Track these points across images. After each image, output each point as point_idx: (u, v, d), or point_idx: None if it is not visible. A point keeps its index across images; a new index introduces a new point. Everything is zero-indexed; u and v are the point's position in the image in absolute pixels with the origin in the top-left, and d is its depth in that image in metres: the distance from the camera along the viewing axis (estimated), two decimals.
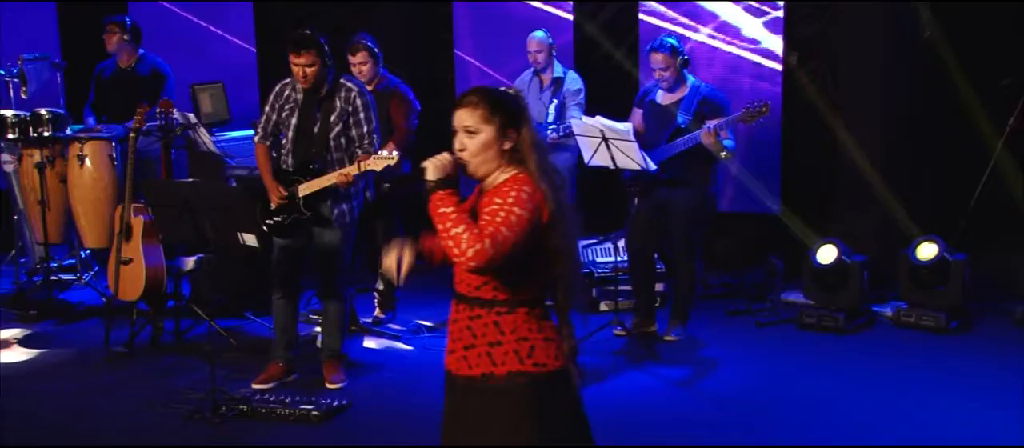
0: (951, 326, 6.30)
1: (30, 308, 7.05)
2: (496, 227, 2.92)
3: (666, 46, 5.97)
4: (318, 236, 5.53)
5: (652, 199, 6.11)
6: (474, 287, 3.04)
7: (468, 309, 3.07)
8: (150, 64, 7.49)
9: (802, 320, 6.47)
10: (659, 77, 6.04)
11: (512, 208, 2.95)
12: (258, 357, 5.87)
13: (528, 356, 3.02)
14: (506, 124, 3.04)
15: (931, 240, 6.37)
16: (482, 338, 3.04)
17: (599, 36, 7.99)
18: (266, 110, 5.62)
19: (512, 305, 3.03)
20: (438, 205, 2.96)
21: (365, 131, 5.44)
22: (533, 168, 3.04)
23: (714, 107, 5.98)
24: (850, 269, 6.40)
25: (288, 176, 5.49)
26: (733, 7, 7.59)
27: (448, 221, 2.93)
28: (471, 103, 3.05)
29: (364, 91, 5.54)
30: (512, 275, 3.01)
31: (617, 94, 7.51)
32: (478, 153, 3.04)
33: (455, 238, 2.91)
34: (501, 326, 3.03)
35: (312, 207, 5.46)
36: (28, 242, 7.69)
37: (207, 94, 7.42)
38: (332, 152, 5.45)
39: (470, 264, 2.91)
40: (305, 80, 5.38)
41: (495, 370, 3.02)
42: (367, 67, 6.42)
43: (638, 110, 6.28)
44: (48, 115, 7.18)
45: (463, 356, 3.07)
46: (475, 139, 3.04)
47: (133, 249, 6.18)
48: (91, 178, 7.14)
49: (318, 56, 5.33)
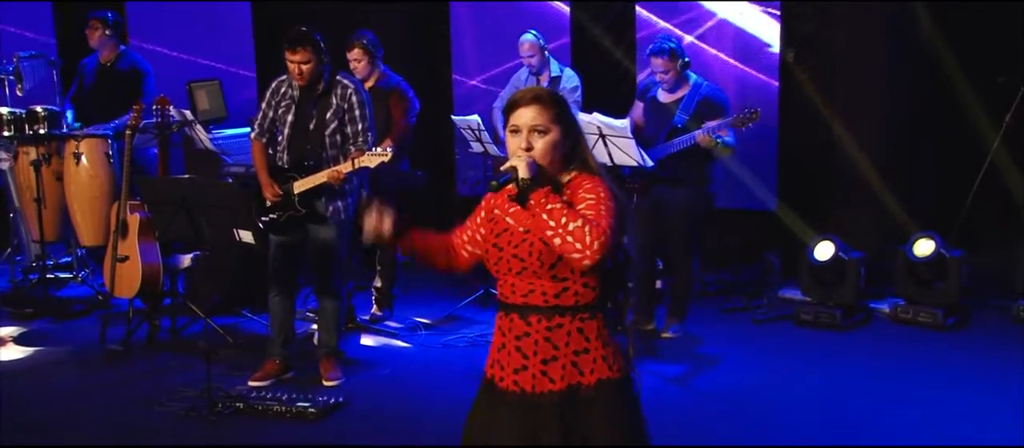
0: (948, 323, 6.30)
1: (26, 306, 7.04)
2: (608, 219, 2.82)
3: (665, 50, 5.98)
4: (314, 233, 5.52)
5: (650, 197, 6.11)
6: (553, 295, 2.91)
7: (545, 319, 2.92)
8: (130, 61, 7.46)
9: (799, 317, 6.47)
10: (660, 80, 6.05)
11: (608, 202, 2.86)
12: (255, 355, 5.87)
13: (614, 361, 2.95)
14: (570, 127, 2.98)
15: (928, 236, 6.37)
16: (566, 348, 2.92)
17: (593, 25, 7.96)
18: (263, 107, 5.62)
19: (593, 310, 2.94)
20: (545, 203, 2.81)
21: (360, 128, 5.43)
22: (599, 170, 3.00)
23: (713, 107, 5.99)
24: (847, 265, 6.40)
25: (284, 173, 5.48)
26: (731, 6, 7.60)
27: (562, 216, 2.79)
28: (542, 101, 2.95)
29: (360, 88, 5.53)
30: (595, 276, 2.91)
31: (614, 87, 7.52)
32: (546, 154, 2.93)
33: (576, 233, 2.77)
34: (586, 332, 2.93)
35: (308, 204, 5.45)
36: (24, 240, 7.67)
37: (204, 91, 7.41)
38: (327, 149, 5.44)
39: (596, 258, 2.77)
40: (301, 77, 5.37)
41: (583, 379, 2.92)
42: (362, 64, 6.42)
43: (640, 103, 6.27)
44: (44, 112, 7.16)
45: (542, 371, 2.93)
46: (545, 139, 2.93)
47: (129, 246, 6.17)
48: (87, 176, 7.12)
49: (314, 53, 5.33)
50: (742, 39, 7.55)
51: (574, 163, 3.00)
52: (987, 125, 6.69)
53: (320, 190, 5.43)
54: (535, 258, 2.91)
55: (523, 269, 2.94)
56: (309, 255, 5.60)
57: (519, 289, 2.96)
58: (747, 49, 7.52)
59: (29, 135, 7.12)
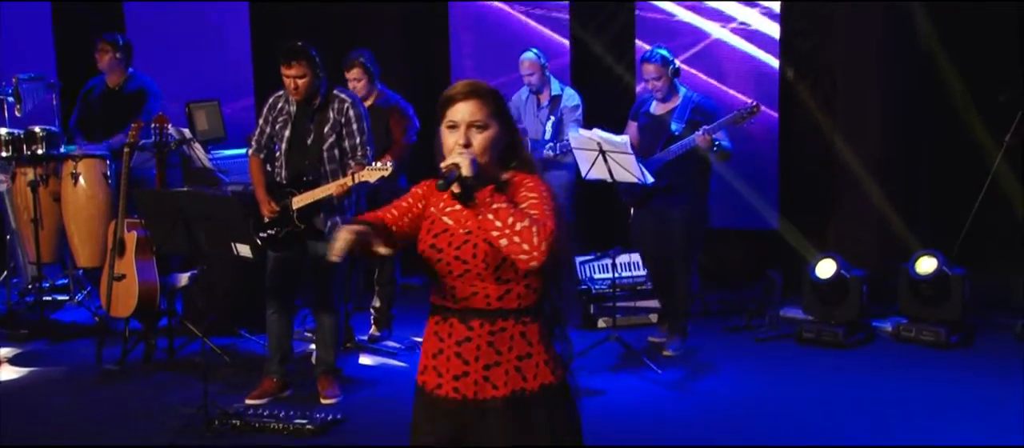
0: (951, 341, 6.25)
1: (21, 328, 6.98)
2: (550, 219, 2.71)
3: (657, 57, 6.04)
4: (313, 249, 5.48)
5: (649, 208, 6.10)
6: (496, 298, 2.81)
7: (488, 323, 2.81)
8: (139, 83, 7.44)
9: (801, 335, 6.42)
10: (652, 87, 6.10)
11: (550, 201, 2.76)
12: (252, 373, 5.82)
13: (556, 366, 2.86)
14: (508, 122, 2.86)
15: (930, 254, 6.33)
16: (508, 353, 2.82)
17: (594, 42, 7.97)
18: (260, 123, 5.60)
19: (534, 314, 2.84)
20: (490, 202, 2.70)
21: (358, 142, 5.41)
22: (536, 169, 2.90)
23: (706, 114, 6.05)
24: (849, 283, 6.36)
25: (281, 189, 5.45)
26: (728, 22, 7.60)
27: (509, 216, 2.68)
28: (481, 95, 2.81)
29: (357, 102, 5.51)
30: (537, 277, 2.81)
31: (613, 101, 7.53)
32: (486, 150, 2.79)
33: (523, 233, 2.66)
34: (528, 336, 2.83)
35: (306, 220, 5.42)
36: (20, 263, 7.63)
37: (203, 112, 7.39)
38: (326, 164, 5.42)
39: (543, 258, 2.66)
40: (297, 92, 5.35)
41: (527, 385, 2.82)
42: (362, 83, 6.41)
43: (633, 123, 6.29)
44: (42, 133, 7.13)
45: (484, 377, 2.82)
46: (484, 135, 2.79)
47: (126, 265, 6.13)
48: (85, 196, 7.10)
49: (309, 67, 5.31)
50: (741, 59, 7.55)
51: (512, 161, 2.88)
52: (988, 142, 6.67)
53: (318, 205, 5.39)
54: (479, 260, 2.79)
55: (466, 271, 2.81)
56: (307, 271, 5.56)
57: (459, 292, 2.84)
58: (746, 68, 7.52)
59: (27, 156, 7.09)
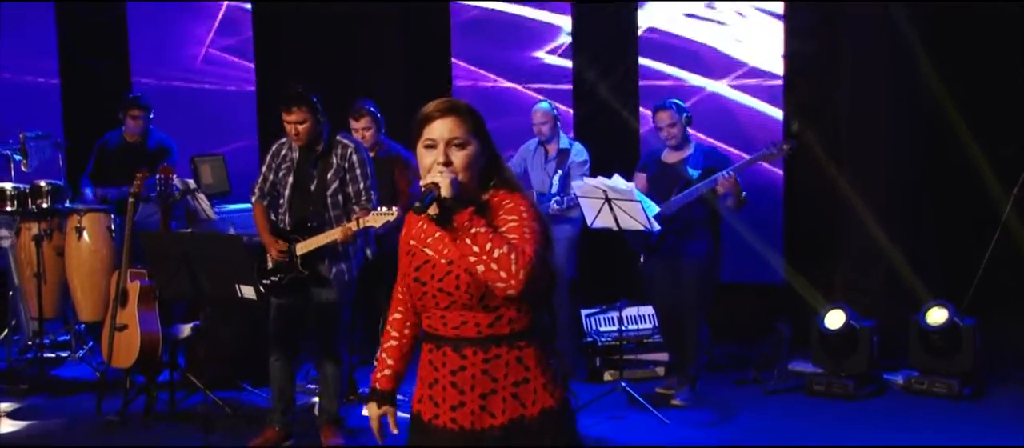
0: (964, 393, 6.15)
1: (21, 383, 6.90)
2: (532, 244, 2.63)
3: (671, 105, 6.11)
4: (316, 295, 5.43)
5: (661, 253, 6.06)
6: (486, 325, 2.73)
7: (482, 352, 2.73)
8: (157, 139, 7.49)
9: (811, 387, 6.34)
10: (666, 135, 6.11)
11: (532, 224, 2.69)
12: (254, 425, 5.73)
13: (555, 389, 2.78)
14: (486, 141, 2.78)
15: (941, 305, 6.27)
16: (505, 379, 2.74)
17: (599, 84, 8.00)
18: (263, 170, 5.60)
19: (529, 337, 2.76)
20: (468, 225, 2.61)
21: (362, 187, 5.40)
22: (520, 187, 2.82)
23: (720, 162, 6.09)
24: (859, 334, 6.29)
25: (285, 235, 5.43)
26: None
27: (487, 242, 2.60)
28: (459, 112, 2.73)
29: (360, 147, 5.51)
30: (527, 301, 2.73)
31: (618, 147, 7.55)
32: (467, 168, 2.71)
33: (501, 260, 2.58)
34: (525, 361, 2.75)
35: (310, 266, 5.38)
36: (22, 319, 7.57)
37: (208, 166, 7.42)
38: (329, 210, 5.40)
39: (521, 287, 2.59)
40: (298, 137, 5.35)
41: (526, 412, 2.75)
42: (370, 133, 6.41)
43: (641, 174, 6.29)
44: (47, 187, 7.15)
45: (481, 406, 2.74)
46: (463, 153, 2.72)
47: (128, 315, 6.07)
48: (88, 250, 7.08)
49: (309, 112, 5.31)
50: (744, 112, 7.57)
51: (493, 179, 2.80)
52: (997, 191, 6.65)
53: (322, 252, 5.36)
54: (463, 291, 2.71)
55: (451, 303, 2.74)
56: (310, 318, 5.50)
57: (450, 322, 2.77)
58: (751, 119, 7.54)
59: (32, 210, 7.09)
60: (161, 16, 9.02)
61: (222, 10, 9.09)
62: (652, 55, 7.86)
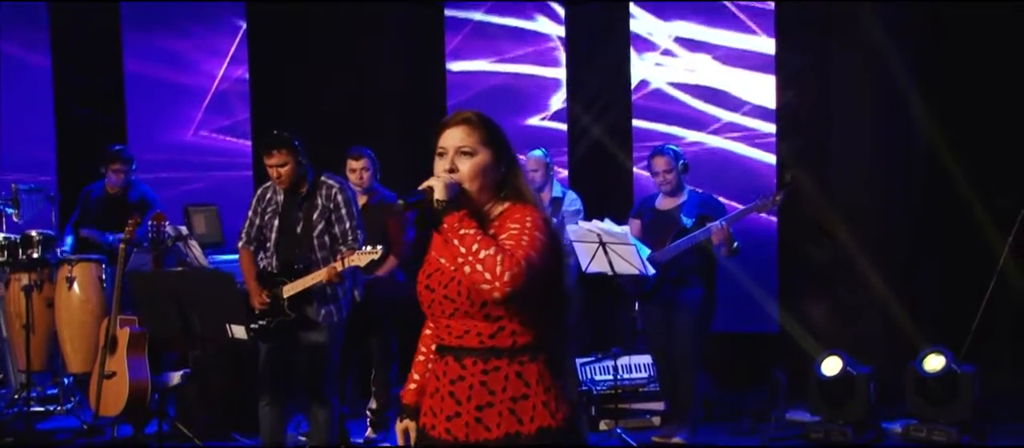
0: (963, 441, 6.07)
1: (7, 437, 6.79)
2: (526, 250, 2.62)
3: (669, 151, 6.11)
4: (305, 338, 5.38)
5: (657, 300, 6.02)
6: (487, 336, 2.71)
7: (482, 362, 2.71)
8: (140, 192, 7.48)
9: (809, 435, 6.26)
10: (661, 181, 6.09)
11: (534, 232, 2.67)
12: None
13: (557, 408, 2.72)
14: (502, 152, 2.80)
15: (938, 352, 6.20)
16: (503, 393, 2.70)
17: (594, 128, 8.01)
18: (249, 214, 5.58)
19: (533, 352, 2.72)
20: (457, 227, 2.63)
21: (348, 227, 5.38)
22: (534, 200, 2.81)
23: (714, 210, 6.06)
24: (856, 380, 6.22)
25: (273, 278, 5.39)
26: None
27: (474, 243, 2.60)
28: (470, 122, 2.78)
29: (345, 186, 5.49)
30: (531, 314, 2.71)
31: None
32: (473, 177, 2.74)
33: (486, 262, 2.58)
34: (525, 376, 2.71)
35: (297, 309, 5.33)
36: (10, 373, 7.47)
37: (201, 215, 7.39)
38: (316, 251, 5.37)
39: (505, 290, 2.58)
40: (281, 180, 5.35)
41: (522, 429, 2.69)
42: (368, 175, 6.47)
43: (636, 220, 6.27)
44: (38, 237, 7.10)
45: (476, 418, 2.70)
46: (470, 161, 2.75)
47: (117, 362, 6.01)
48: (79, 301, 7.02)
49: (291, 155, 5.31)
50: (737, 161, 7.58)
51: (507, 192, 2.82)
52: (994, 236, 6.63)
53: (310, 294, 5.31)
54: (464, 297, 2.71)
55: (455, 310, 2.74)
56: (299, 362, 5.44)
57: (454, 331, 2.76)
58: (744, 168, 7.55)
59: (22, 260, 7.04)
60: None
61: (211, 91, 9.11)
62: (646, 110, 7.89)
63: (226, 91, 9.08)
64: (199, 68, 9.11)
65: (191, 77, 9.11)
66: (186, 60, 9.09)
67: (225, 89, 9.08)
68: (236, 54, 9.05)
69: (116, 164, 7.42)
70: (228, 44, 9.06)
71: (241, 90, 9.06)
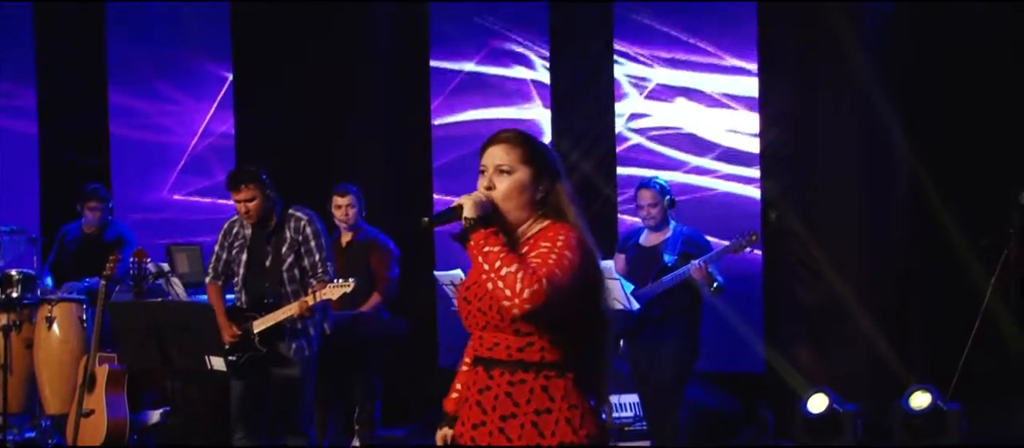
0: None
1: None
2: (550, 268, 2.65)
3: (655, 184, 6.03)
4: (277, 374, 5.35)
5: (639, 341, 5.98)
6: (516, 349, 2.75)
7: (508, 374, 2.75)
8: (116, 231, 7.43)
9: None
10: (645, 215, 6.04)
11: (564, 251, 2.69)
12: None
13: (581, 426, 2.72)
14: (542, 171, 2.83)
15: (924, 389, 6.21)
16: (527, 405, 2.72)
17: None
18: (215, 249, 5.58)
19: (561, 369, 2.74)
20: (482, 244, 2.68)
21: (317, 259, 5.37)
22: (574, 220, 2.83)
23: (698, 247, 6.00)
24: (842, 418, 6.21)
25: (242, 313, 5.36)
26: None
27: (497, 260, 2.64)
28: (509, 141, 2.83)
29: (314, 219, 5.48)
30: (561, 332, 2.74)
31: None
32: (510, 195, 2.79)
33: (507, 279, 2.62)
34: (550, 391, 2.72)
35: (268, 343, 5.30)
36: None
37: (184, 254, 7.34)
38: (286, 285, 5.36)
39: (525, 307, 2.61)
40: (249, 215, 5.36)
41: (543, 442, 2.70)
42: (353, 211, 6.46)
43: (620, 255, 6.24)
44: (18, 276, 7.03)
45: (500, 428, 2.73)
46: (508, 179, 2.79)
47: (95, 400, 5.95)
48: (58, 342, 6.91)
49: (258, 189, 5.31)
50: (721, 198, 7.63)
51: (547, 210, 2.84)
52: (979, 275, 6.63)
53: (280, 329, 5.28)
54: (495, 311, 2.76)
55: (487, 323, 2.79)
56: (273, 398, 5.38)
57: (486, 342, 2.82)
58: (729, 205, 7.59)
59: (1, 300, 6.96)
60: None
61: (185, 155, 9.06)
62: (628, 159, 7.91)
63: (207, 147, 8.96)
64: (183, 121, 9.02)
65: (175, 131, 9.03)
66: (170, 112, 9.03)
67: (208, 145, 8.96)
68: (221, 106, 8.98)
69: (92, 202, 7.39)
70: (213, 96, 8.98)
71: (226, 145, 8.94)
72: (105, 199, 7.44)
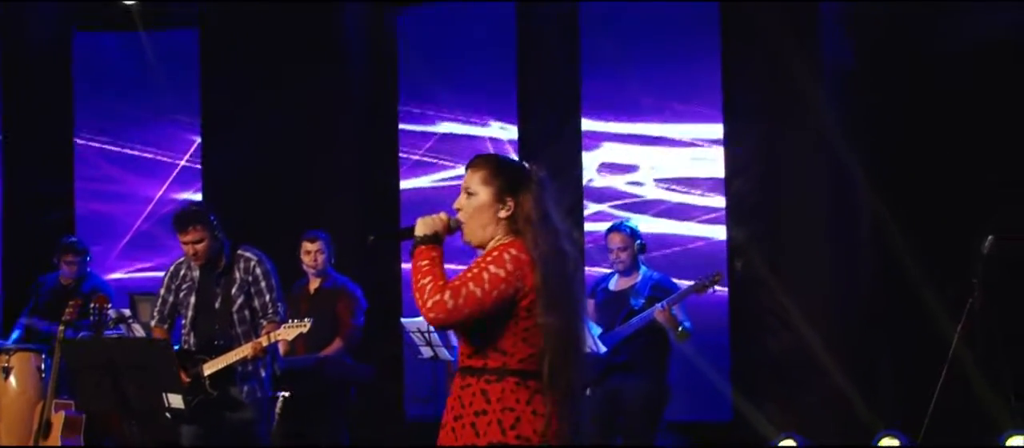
0: None
1: None
2: (462, 282, 2.90)
3: (626, 228, 6.02)
4: (231, 418, 5.24)
5: (605, 387, 5.89)
6: (466, 356, 3.01)
7: (461, 379, 3.01)
8: (93, 284, 7.36)
9: None
10: (615, 259, 6.01)
11: (486, 266, 2.92)
12: None
13: (511, 427, 2.90)
14: (504, 190, 3.01)
15: (892, 435, 6.17)
16: (469, 408, 2.95)
17: None
18: (161, 292, 5.50)
19: (500, 374, 2.94)
20: (417, 259, 2.97)
21: (268, 300, 5.30)
22: (529, 238, 2.97)
23: (666, 291, 5.96)
24: None
25: (192, 356, 5.26)
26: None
27: (419, 273, 2.94)
28: (473, 164, 3.08)
29: (264, 259, 5.42)
30: (487, 339, 2.94)
31: None
32: (473, 215, 3.02)
33: (420, 289, 2.92)
34: (488, 395, 2.94)
35: (219, 387, 5.18)
36: None
37: (147, 304, 7.21)
38: (236, 326, 5.29)
39: (428, 316, 2.91)
40: (197, 257, 5.29)
41: (478, 441, 2.92)
42: (323, 257, 6.40)
43: (590, 301, 6.18)
44: None
45: (452, 428, 2.99)
46: (471, 200, 3.03)
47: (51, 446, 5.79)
48: (15, 393, 6.75)
49: (206, 231, 5.25)
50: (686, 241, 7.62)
51: (516, 226, 3.02)
52: (945, 323, 6.61)
53: (231, 372, 5.17)
54: None
55: (459, 334, 3.09)
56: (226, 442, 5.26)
57: (462, 350, 3.06)
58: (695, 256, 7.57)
59: None
60: None
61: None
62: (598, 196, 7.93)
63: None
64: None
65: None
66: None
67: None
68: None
69: (69, 255, 7.34)
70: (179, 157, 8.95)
71: None
72: (83, 252, 7.39)
